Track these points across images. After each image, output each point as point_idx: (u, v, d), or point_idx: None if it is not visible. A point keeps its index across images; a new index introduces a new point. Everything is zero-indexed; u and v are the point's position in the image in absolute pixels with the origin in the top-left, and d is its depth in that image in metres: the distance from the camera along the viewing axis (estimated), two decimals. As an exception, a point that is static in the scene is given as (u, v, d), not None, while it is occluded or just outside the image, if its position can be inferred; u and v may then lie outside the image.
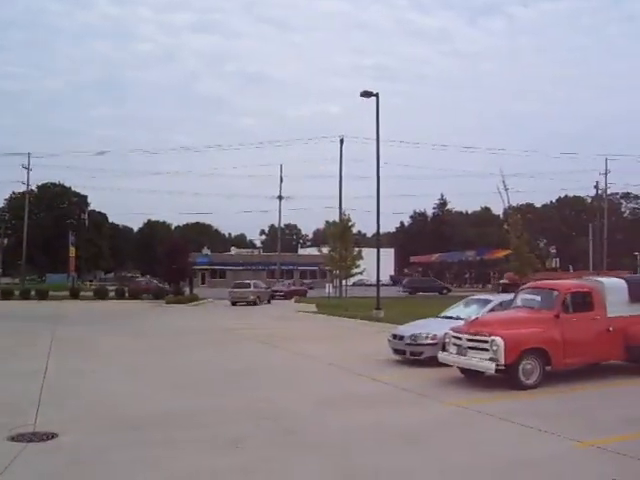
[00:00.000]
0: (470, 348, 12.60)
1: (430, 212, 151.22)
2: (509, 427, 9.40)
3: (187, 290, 51.17)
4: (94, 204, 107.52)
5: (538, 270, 40.89)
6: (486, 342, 12.22)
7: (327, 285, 55.15)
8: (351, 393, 12.32)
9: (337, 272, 48.53)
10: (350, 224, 44.12)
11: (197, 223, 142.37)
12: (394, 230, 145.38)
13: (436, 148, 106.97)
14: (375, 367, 15.43)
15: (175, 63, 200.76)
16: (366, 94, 32.13)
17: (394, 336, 16.40)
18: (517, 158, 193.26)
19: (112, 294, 51.10)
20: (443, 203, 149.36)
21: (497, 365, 11.95)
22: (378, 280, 34.22)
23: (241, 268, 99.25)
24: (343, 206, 55.93)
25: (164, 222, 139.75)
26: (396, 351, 16.24)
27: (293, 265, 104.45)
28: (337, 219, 51.55)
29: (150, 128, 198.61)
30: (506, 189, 36.12)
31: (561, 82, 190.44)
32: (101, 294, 50.98)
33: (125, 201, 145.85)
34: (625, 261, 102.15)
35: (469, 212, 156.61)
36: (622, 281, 13.89)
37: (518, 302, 14.04)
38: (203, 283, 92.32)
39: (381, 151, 33.10)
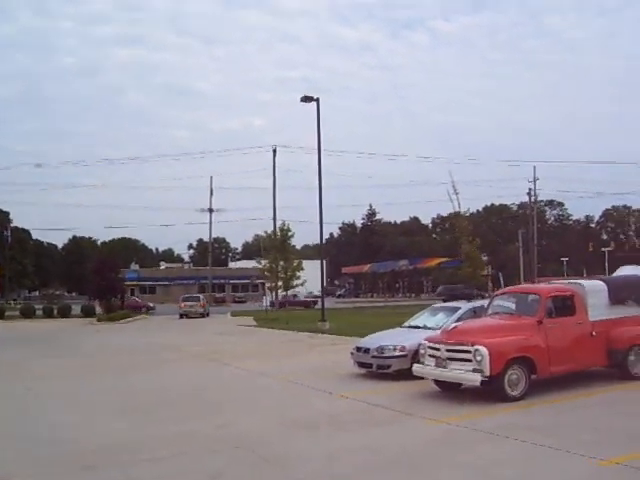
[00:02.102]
0: (450, 359, 11.66)
1: (359, 223, 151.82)
2: (514, 445, 8.46)
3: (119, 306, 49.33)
4: (16, 220, 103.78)
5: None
6: (469, 352, 11.30)
7: (264, 298, 53.91)
8: (322, 413, 11.23)
9: (273, 284, 47.47)
10: (290, 234, 43.06)
11: (123, 238, 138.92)
12: (325, 241, 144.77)
13: (363, 157, 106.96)
14: (339, 382, 14.36)
15: (99, 76, 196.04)
16: (306, 99, 31.38)
17: (358, 349, 15.32)
18: (442, 167, 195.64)
19: (39, 313, 48.64)
20: (372, 213, 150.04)
21: (482, 376, 11.04)
22: (323, 291, 33.31)
23: (171, 283, 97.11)
24: (271, 217, 54.63)
25: (90, 238, 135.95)
26: (360, 364, 15.18)
27: (224, 279, 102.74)
28: (269, 231, 50.58)
29: (74, 142, 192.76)
30: (456, 193, 35.54)
31: (481, 94, 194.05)
32: (28, 313, 48.38)
33: (49, 217, 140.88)
34: (552, 267, 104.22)
35: (398, 222, 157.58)
36: (602, 283, 13.24)
37: (494, 308, 13.22)
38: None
39: (309, 162, 32.44)
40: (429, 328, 14.93)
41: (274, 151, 59.39)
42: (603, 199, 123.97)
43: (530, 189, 67.01)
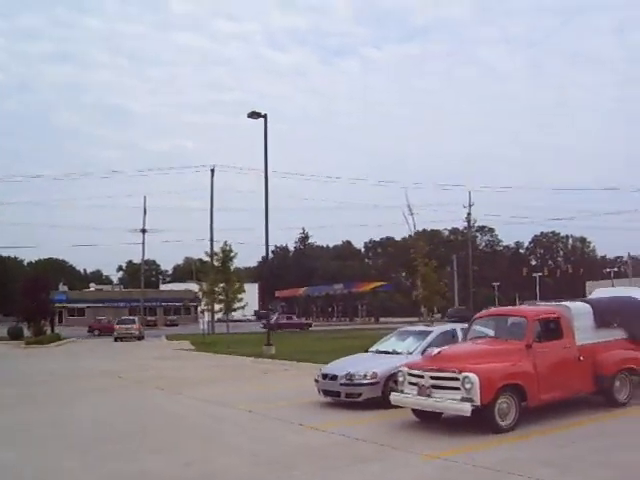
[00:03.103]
0: (435, 387, 10.76)
1: (292, 246, 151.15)
2: (528, 485, 7.58)
3: (48, 329, 46.94)
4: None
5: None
6: (456, 380, 10.43)
7: (201, 321, 52.31)
8: (298, 448, 10.12)
9: (210, 307, 46.33)
10: (232, 254, 41.72)
11: (50, 259, 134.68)
12: (256, 264, 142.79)
13: (295, 179, 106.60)
14: (305, 412, 13.25)
15: (29, 93, 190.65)
16: (254, 115, 30.39)
17: (324, 376, 14.22)
18: (374, 191, 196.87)
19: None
20: (305, 237, 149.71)
21: (472, 405, 10.17)
22: (268, 314, 32.16)
23: (101, 305, 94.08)
24: (202, 239, 53.41)
25: (15, 258, 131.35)
26: (327, 392, 14.10)
27: (156, 301, 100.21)
28: (204, 252, 49.38)
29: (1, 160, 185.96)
30: (412, 214, 34.52)
31: (413, 122, 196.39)
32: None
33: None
34: (484, 292, 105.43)
35: (330, 246, 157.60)
36: (587, 305, 12.61)
37: (475, 332, 12.43)
38: (60, 322, 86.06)
39: (239, 184, 31.56)
40: (399, 353, 14.09)
41: (212, 171, 58.52)
42: (531, 226, 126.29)
43: (469, 213, 67.29)
